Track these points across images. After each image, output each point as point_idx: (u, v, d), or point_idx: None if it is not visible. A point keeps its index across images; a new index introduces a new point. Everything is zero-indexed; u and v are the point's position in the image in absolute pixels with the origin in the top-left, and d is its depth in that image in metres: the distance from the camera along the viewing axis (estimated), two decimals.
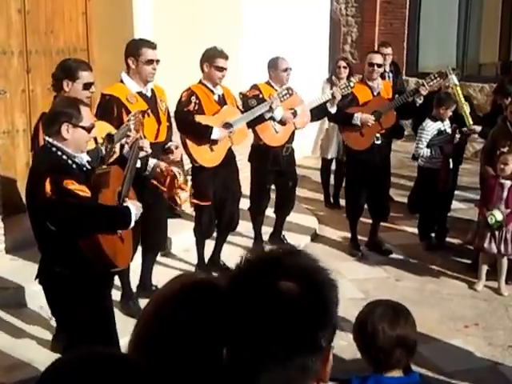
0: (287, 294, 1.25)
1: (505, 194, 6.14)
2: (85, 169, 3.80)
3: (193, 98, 5.75)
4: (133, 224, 3.89)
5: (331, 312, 1.31)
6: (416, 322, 5.15)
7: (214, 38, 6.73)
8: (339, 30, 13.71)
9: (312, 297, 1.27)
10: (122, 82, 5.21)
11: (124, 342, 4.74)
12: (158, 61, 5.16)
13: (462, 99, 6.97)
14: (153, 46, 5.19)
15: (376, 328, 2.59)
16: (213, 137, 5.75)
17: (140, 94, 5.19)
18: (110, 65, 5.95)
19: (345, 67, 8.07)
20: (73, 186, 3.56)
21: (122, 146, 4.42)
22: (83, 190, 3.62)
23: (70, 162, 3.71)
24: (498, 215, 6.04)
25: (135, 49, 5.15)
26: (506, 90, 6.99)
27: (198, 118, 5.74)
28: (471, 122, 6.98)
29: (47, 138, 3.74)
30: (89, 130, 3.78)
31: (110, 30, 6.59)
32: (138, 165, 4.46)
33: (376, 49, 9.06)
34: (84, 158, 3.83)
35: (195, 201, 5.68)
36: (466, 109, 6.97)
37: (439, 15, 13.67)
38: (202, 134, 5.75)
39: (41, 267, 3.93)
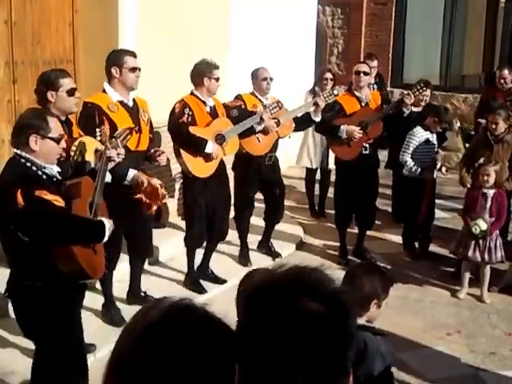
0: (314, 315, 1.19)
1: (488, 203, 6.24)
2: (55, 179, 3.79)
3: (186, 110, 5.82)
4: (106, 239, 3.92)
5: (355, 331, 1.27)
6: (399, 330, 5.22)
7: (200, 49, 6.79)
8: (325, 42, 13.83)
9: (339, 316, 1.22)
10: (104, 91, 5.26)
11: (105, 351, 4.78)
12: (139, 69, 5.23)
13: (461, 145, 7.15)
14: (134, 54, 5.27)
15: None
16: (207, 150, 5.83)
17: (121, 103, 5.23)
18: (96, 76, 5.99)
19: (331, 79, 8.13)
20: (45, 196, 3.56)
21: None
22: (57, 200, 3.62)
23: (39, 172, 3.69)
24: (482, 225, 6.13)
25: (118, 58, 5.20)
26: (490, 106, 7.14)
27: (192, 130, 5.80)
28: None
29: (15, 150, 3.73)
30: (58, 140, 3.77)
31: (96, 42, 6.64)
32: (108, 178, 4.46)
33: (362, 61, 9.15)
34: (54, 169, 3.82)
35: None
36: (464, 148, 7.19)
37: (424, 27, 13.82)
38: (196, 147, 5.83)
39: (10, 281, 3.87)
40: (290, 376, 1.18)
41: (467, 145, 7.54)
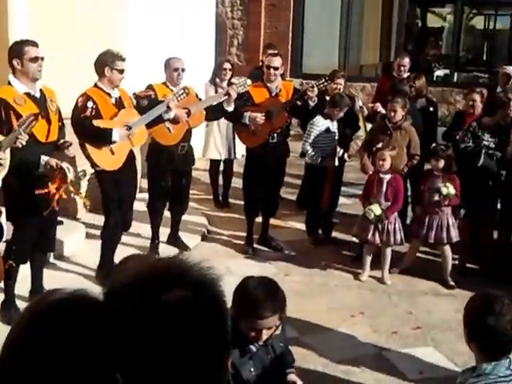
0: (179, 302, 1.19)
1: (384, 187, 6.43)
2: None
3: (89, 103, 5.70)
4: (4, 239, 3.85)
5: (225, 307, 1.29)
6: (304, 314, 5.30)
7: (97, 40, 6.65)
8: (225, 33, 13.83)
9: (205, 299, 1.22)
10: (9, 84, 5.11)
11: None
12: (42, 58, 5.11)
13: (363, 127, 7.58)
14: (35, 44, 5.15)
15: None
16: (114, 138, 5.74)
17: (28, 95, 5.09)
18: None
19: (230, 69, 8.17)
20: None
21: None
22: None
23: None
24: (376, 210, 6.32)
25: (18, 49, 5.08)
26: (397, 90, 7.35)
27: (97, 123, 5.69)
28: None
29: None
30: None
31: None
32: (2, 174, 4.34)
33: (262, 52, 9.23)
34: None
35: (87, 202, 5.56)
36: (365, 130, 7.53)
37: (322, 19, 14.07)
38: (102, 138, 5.73)
39: None
40: (163, 360, 1.17)
41: (369, 126, 7.79)
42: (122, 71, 5.81)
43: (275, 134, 6.92)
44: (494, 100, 6.95)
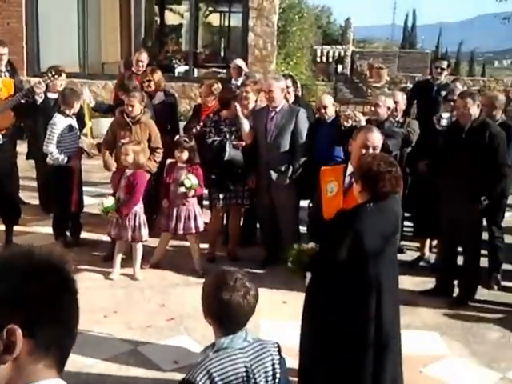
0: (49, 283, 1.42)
1: (123, 182, 6.39)
2: None
3: None
4: None
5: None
6: None
7: None
8: None
9: (68, 282, 1.50)
10: None
11: None
12: None
13: (87, 115, 7.54)
14: None
15: None
16: None
17: None
18: None
19: None
20: None
21: None
22: None
23: None
24: (106, 202, 6.27)
25: None
26: (125, 86, 7.35)
27: None
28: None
29: None
30: None
31: None
32: None
33: None
34: None
35: None
36: (89, 123, 7.63)
37: (58, 16, 13.69)
38: None
39: None
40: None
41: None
42: None
43: (1, 136, 6.56)
44: (224, 94, 7.21)
